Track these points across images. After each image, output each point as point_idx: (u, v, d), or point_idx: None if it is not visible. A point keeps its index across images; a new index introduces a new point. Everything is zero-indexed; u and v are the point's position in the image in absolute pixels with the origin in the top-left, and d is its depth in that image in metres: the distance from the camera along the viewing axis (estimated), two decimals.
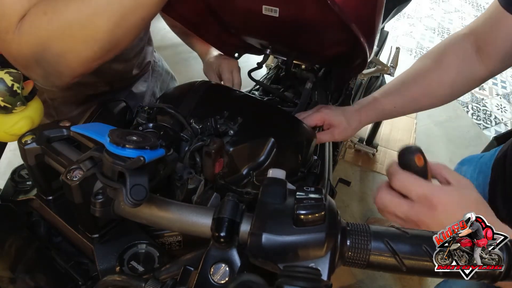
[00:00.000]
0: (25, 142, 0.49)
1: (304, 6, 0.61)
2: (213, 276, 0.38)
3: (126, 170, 0.38)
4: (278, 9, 0.63)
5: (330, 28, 0.65)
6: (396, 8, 1.29)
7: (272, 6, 0.64)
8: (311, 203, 0.35)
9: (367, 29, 0.61)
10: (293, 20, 0.65)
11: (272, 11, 0.64)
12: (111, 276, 0.43)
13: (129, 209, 0.42)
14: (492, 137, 1.78)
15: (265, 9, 0.65)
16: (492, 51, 0.67)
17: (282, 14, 0.64)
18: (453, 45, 0.74)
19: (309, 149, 0.74)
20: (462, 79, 0.72)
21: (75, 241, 0.53)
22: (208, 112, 0.64)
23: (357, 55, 0.70)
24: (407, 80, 0.77)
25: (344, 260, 0.36)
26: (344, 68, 0.88)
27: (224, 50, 0.94)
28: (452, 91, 0.74)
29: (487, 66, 0.69)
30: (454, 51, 0.73)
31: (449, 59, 0.73)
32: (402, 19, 3.31)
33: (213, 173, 0.57)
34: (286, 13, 0.64)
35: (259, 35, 0.81)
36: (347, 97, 1.17)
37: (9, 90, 0.48)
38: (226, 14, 0.76)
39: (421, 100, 0.77)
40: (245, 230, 0.37)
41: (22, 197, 0.56)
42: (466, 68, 0.71)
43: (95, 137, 0.43)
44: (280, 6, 0.63)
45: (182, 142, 0.59)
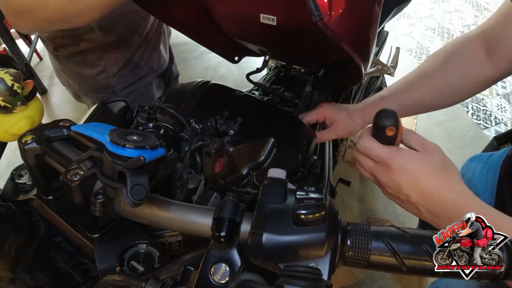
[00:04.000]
0: (25, 142, 0.49)
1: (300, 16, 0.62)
2: (213, 276, 0.38)
3: (126, 170, 0.37)
4: (276, 17, 0.64)
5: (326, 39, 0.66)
6: (396, 8, 1.29)
7: (269, 15, 0.64)
8: (311, 203, 0.35)
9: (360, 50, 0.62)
10: (290, 29, 0.66)
11: (270, 20, 0.65)
12: (111, 276, 0.43)
13: (129, 209, 0.42)
14: (492, 137, 1.78)
15: (263, 18, 0.65)
16: (503, 50, 0.66)
17: (279, 23, 0.64)
18: (462, 45, 0.73)
19: (309, 149, 0.74)
20: (469, 80, 0.71)
21: (75, 241, 0.52)
22: (208, 112, 0.64)
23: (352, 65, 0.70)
24: (414, 79, 0.76)
25: (345, 260, 0.36)
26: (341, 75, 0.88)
27: (224, 54, 0.94)
28: (459, 91, 0.73)
29: (496, 67, 0.68)
30: (462, 51, 0.72)
31: (457, 59, 0.72)
32: (402, 19, 3.31)
33: (213, 173, 0.57)
34: (283, 21, 0.64)
35: (258, 42, 0.82)
36: (347, 97, 1.17)
37: (9, 89, 0.48)
38: (224, 22, 0.76)
39: (426, 100, 0.76)
40: (245, 230, 0.37)
41: (22, 197, 0.56)
42: (474, 68, 0.70)
43: (95, 137, 0.43)
44: (278, 15, 0.63)
45: (182, 142, 0.59)
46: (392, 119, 0.49)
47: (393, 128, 0.50)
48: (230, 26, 0.78)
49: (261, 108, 0.78)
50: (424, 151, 0.51)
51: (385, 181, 0.52)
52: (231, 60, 0.96)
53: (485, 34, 0.70)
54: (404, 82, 0.78)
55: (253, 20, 0.66)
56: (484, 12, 3.54)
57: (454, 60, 0.72)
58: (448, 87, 0.73)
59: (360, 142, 0.54)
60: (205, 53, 2.70)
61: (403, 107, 0.76)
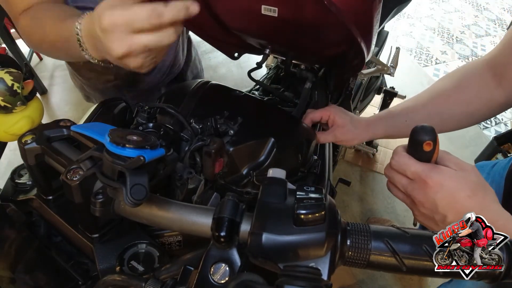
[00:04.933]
0: (25, 142, 0.49)
1: (302, 6, 0.61)
2: (213, 275, 0.38)
3: (126, 170, 0.37)
4: (277, 9, 0.63)
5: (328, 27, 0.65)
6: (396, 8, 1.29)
7: (271, 6, 0.64)
8: (311, 202, 0.35)
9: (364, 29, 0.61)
10: (292, 20, 0.65)
11: (271, 11, 0.64)
12: (111, 275, 0.43)
13: (129, 209, 0.42)
14: (492, 137, 1.78)
15: (264, 9, 0.65)
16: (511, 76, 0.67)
17: (281, 14, 0.64)
18: (471, 70, 0.73)
19: (309, 149, 0.74)
20: (479, 101, 0.71)
21: (75, 241, 0.52)
22: (208, 112, 0.64)
23: (355, 55, 0.70)
24: (424, 98, 0.76)
25: (344, 260, 0.36)
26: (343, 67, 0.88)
27: (224, 49, 0.94)
28: (468, 112, 0.72)
29: (505, 92, 0.68)
30: (472, 75, 0.72)
31: (467, 82, 0.72)
32: (402, 19, 3.31)
33: (213, 173, 0.57)
34: (285, 12, 0.64)
35: (258, 35, 0.81)
36: (347, 97, 1.17)
37: (9, 89, 0.48)
38: (225, 13, 0.76)
39: (435, 118, 0.74)
40: (245, 229, 0.37)
41: (22, 196, 0.56)
42: (484, 91, 0.70)
43: (95, 137, 0.43)
44: (279, 6, 0.63)
45: (182, 142, 0.59)
46: (430, 134, 0.48)
47: (430, 142, 0.48)
48: (230, 19, 0.77)
49: (261, 108, 0.78)
50: (462, 170, 0.49)
51: (420, 199, 0.50)
52: (231, 56, 0.96)
53: (493, 60, 0.71)
54: (413, 100, 0.77)
55: (254, 12, 0.66)
56: (484, 12, 3.54)
57: (464, 81, 0.72)
58: (458, 106, 0.72)
59: (395, 159, 0.53)
60: (205, 53, 2.70)
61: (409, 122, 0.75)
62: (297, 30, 0.70)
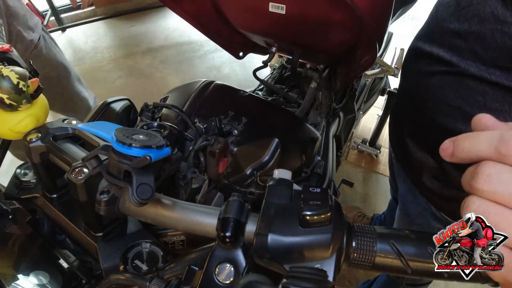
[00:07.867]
0: (30, 140, 0.49)
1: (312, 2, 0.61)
2: (218, 276, 0.38)
3: (132, 169, 0.37)
4: (285, 6, 0.63)
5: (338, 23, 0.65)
6: (401, 10, 1.29)
7: (279, 3, 0.63)
8: (317, 204, 0.35)
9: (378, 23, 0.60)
10: (300, 17, 0.65)
11: (279, 8, 0.64)
12: (115, 274, 0.43)
13: (134, 208, 0.42)
14: None
15: (272, 6, 0.64)
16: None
17: (289, 11, 0.63)
18: None
19: (313, 149, 0.74)
20: None
21: (78, 239, 0.53)
22: (213, 111, 0.64)
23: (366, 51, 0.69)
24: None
25: (350, 262, 0.36)
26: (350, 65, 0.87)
27: (229, 48, 0.94)
28: None
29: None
30: None
31: None
32: (407, 21, 3.30)
33: (217, 173, 0.57)
34: (293, 9, 0.63)
35: (265, 33, 0.81)
36: (351, 98, 1.17)
37: (14, 88, 0.48)
38: (232, 11, 0.76)
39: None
40: (250, 230, 0.37)
41: (26, 194, 0.56)
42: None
43: (101, 136, 0.42)
44: (287, 3, 0.63)
45: (186, 141, 0.59)
46: None
47: None
48: (238, 16, 0.77)
49: (265, 108, 0.78)
50: None
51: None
52: (236, 55, 0.95)
53: None
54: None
55: (262, 10, 0.66)
56: None
57: None
58: None
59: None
60: (209, 53, 2.70)
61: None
62: (305, 27, 0.69)
